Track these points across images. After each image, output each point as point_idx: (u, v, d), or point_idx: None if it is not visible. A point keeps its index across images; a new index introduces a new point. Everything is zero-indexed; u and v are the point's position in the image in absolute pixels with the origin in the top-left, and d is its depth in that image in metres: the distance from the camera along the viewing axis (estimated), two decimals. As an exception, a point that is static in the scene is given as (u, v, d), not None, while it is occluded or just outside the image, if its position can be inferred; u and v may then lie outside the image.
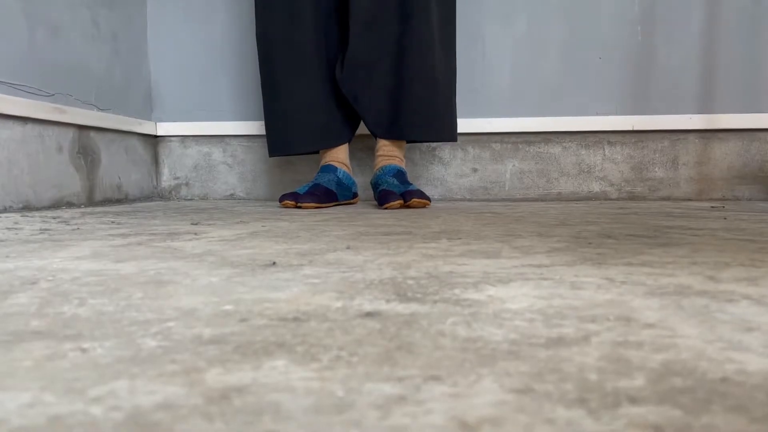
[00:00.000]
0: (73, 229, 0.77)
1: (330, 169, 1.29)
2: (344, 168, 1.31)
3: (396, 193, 1.17)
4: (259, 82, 1.33)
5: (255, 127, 1.63)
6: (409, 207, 1.17)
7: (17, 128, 1.10)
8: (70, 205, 1.25)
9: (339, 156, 1.32)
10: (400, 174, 1.25)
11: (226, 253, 0.54)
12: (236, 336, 0.28)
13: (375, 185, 1.26)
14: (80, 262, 0.49)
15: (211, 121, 1.65)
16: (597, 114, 1.56)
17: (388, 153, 1.29)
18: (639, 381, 0.22)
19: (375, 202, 1.36)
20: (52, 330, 0.29)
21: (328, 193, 1.24)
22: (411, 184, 1.24)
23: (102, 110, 1.38)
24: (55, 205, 1.20)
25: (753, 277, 0.41)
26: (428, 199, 1.18)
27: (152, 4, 1.63)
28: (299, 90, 1.28)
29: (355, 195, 1.35)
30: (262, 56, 1.29)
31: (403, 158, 1.31)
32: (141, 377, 0.22)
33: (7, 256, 0.53)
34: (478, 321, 0.30)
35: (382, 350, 0.26)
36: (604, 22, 1.55)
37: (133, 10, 1.55)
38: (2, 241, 0.65)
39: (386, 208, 1.15)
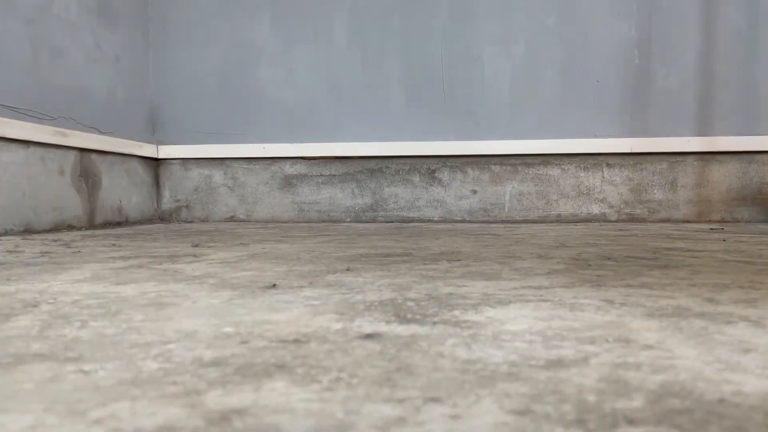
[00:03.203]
0: (74, 252, 0.77)
1: None
2: None
3: None
4: (260, 106, 1.34)
5: (255, 149, 1.64)
6: None
7: (20, 152, 1.10)
8: (70, 227, 1.25)
9: None
10: None
11: (226, 275, 0.54)
12: (236, 358, 0.28)
13: None
14: (81, 285, 0.49)
15: (211, 143, 1.66)
16: (596, 136, 1.57)
17: None
18: (637, 402, 0.22)
19: (371, 225, 1.30)
20: (53, 352, 0.29)
21: None
22: None
23: (103, 133, 1.39)
24: (56, 227, 1.20)
25: (752, 299, 0.41)
26: None
27: (154, 28, 1.65)
28: None
29: None
30: None
31: None
32: (142, 399, 0.23)
33: (8, 279, 0.53)
34: (477, 342, 0.30)
35: (381, 372, 0.26)
36: (602, 45, 1.57)
37: (135, 33, 1.57)
38: (3, 263, 0.65)
39: None
